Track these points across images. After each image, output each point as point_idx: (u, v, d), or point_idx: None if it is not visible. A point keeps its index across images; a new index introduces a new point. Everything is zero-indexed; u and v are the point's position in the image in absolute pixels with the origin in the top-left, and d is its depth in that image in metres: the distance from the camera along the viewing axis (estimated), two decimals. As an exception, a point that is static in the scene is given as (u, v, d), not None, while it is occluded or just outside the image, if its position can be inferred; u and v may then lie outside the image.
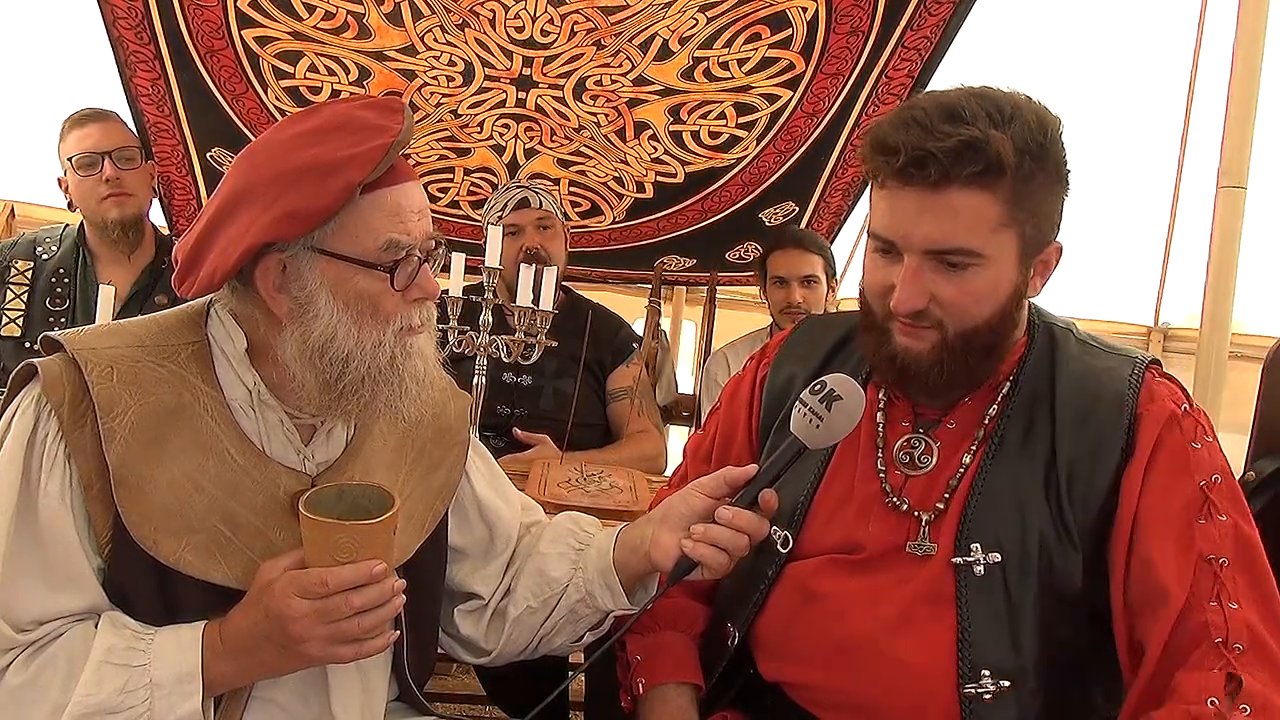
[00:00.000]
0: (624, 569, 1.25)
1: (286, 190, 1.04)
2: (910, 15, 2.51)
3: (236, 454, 1.11)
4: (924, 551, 1.19)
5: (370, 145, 1.05)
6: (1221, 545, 1.10)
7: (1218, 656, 1.05)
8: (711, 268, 3.32)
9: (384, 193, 1.08)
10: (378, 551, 1.03)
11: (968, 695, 1.13)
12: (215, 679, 1.05)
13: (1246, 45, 2.39)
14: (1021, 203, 1.12)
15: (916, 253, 1.14)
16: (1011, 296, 1.16)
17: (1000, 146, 1.08)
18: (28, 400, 1.07)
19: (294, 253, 1.07)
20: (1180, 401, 1.18)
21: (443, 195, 3.11)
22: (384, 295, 1.08)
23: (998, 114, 1.10)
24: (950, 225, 1.11)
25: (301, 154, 1.06)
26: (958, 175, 1.09)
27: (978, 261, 1.13)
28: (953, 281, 1.14)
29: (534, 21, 2.55)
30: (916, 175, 1.10)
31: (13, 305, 2.40)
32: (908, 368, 1.19)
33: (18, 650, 1.03)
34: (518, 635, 1.30)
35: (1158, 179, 4.46)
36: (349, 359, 1.08)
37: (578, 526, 1.34)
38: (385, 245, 1.07)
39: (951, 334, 1.16)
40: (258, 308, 1.11)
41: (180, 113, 2.70)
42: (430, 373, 1.16)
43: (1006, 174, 1.09)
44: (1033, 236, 1.15)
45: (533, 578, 1.30)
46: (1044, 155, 1.12)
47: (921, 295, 1.14)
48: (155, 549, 1.05)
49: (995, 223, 1.11)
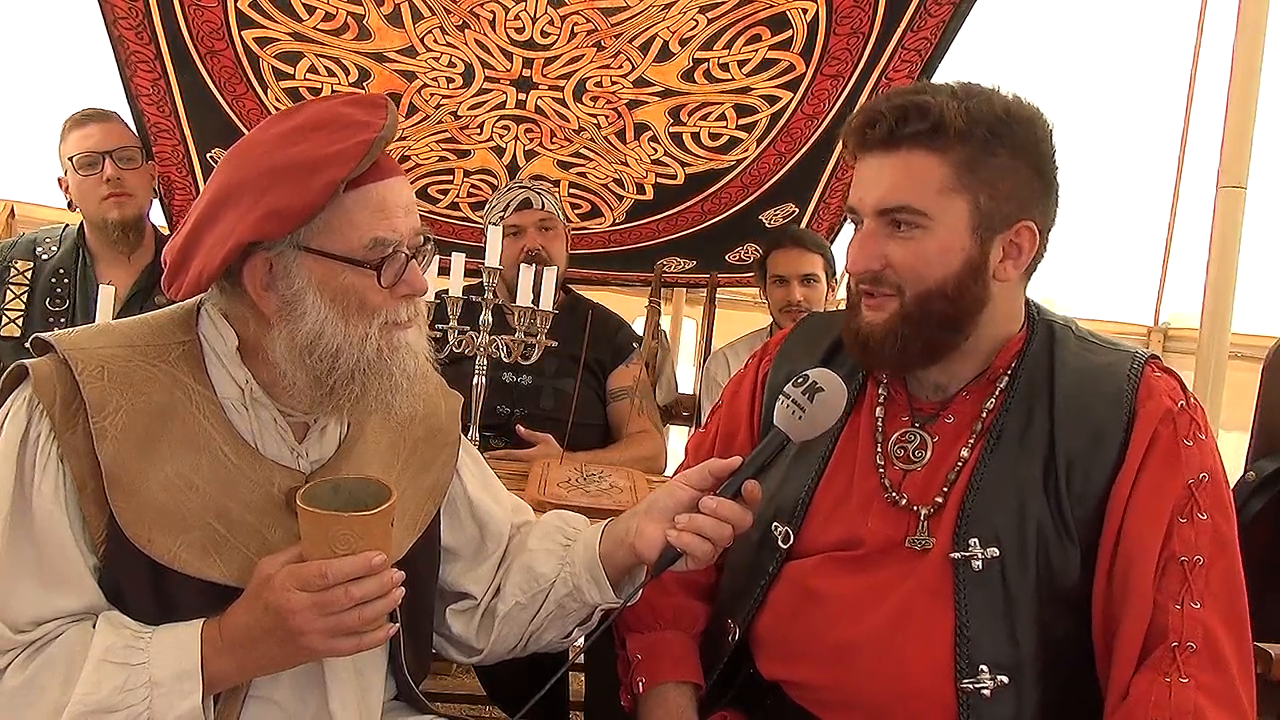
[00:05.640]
0: (609, 561, 1.25)
1: (270, 189, 1.04)
2: (910, 17, 2.51)
3: (230, 452, 1.11)
4: (922, 546, 1.19)
5: (353, 142, 1.04)
6: (1198, 545, 1.11)
7: (1171, 660, 1.07)
8: (712, 269, 3.32)
9: (369, 189, 1.07)
10: (376, 543, 1.02)
11: (965, 690, 1.13)
12: (215, 676, 1.04)
13: (1246, 45, 2.39)
14: (975, 170, 1.16)
15: (871, 215, 1.20)
16: (965, 265, 1.18)
17: (946, 109, 1.14)
18: (19, 402, 1.06)
19: (280, 251, 1.07)
20: (1178, 397, 1.18)
21: (442, 197, 3.11)
22: (370, 291, 1.08)
23: (962, 91, 1.18)
24: (898, 184, 1.17)
25: (284, 152, 1.06)
26: (903, 134, 1.16)
27: (924, 223, 1.17)
28: (901, 244, 1.18)
29: (534, 23, 2.55)
30: (870, 135, 1.18)
31: (12, 305, 2.40)
32: (867, 340, 1.22)
33: (16, 651, 1.03)
34: (507, 633, 1.30)
35: (1158, 179, 4.46)
36: (338, 354, 1.08)
37: (565, 524, 1.34)
38: (371, 243, 1.07)
39: (908, 298, 1.19)
40: (247, 307, 1.11)
41: (180, 113, 2.70)
42: (421, 369, 1.15)
43: (952, 135, 1.14)
44: (989, 209, 1.17)
45: (520, 574, 1.30)
46: (1006, 133, 1.16)
47: (873, 258, 1.19)
48: (150, 547, 1.05)
49: (942, 184, 1.16)
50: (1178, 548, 1.11)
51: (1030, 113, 1.18)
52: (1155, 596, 1.10)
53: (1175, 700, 1.05)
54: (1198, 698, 1.06)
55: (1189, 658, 1.07)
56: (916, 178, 1.16)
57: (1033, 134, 1.18)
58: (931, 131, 1.15)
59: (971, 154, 1.15)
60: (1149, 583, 1.10)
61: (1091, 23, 4.81)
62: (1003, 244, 1.19)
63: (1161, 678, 1.07)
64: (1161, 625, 1.09)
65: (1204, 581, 1.10)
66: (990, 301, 1.20)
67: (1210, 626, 1.08)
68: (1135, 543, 1.12)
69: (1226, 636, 1.09)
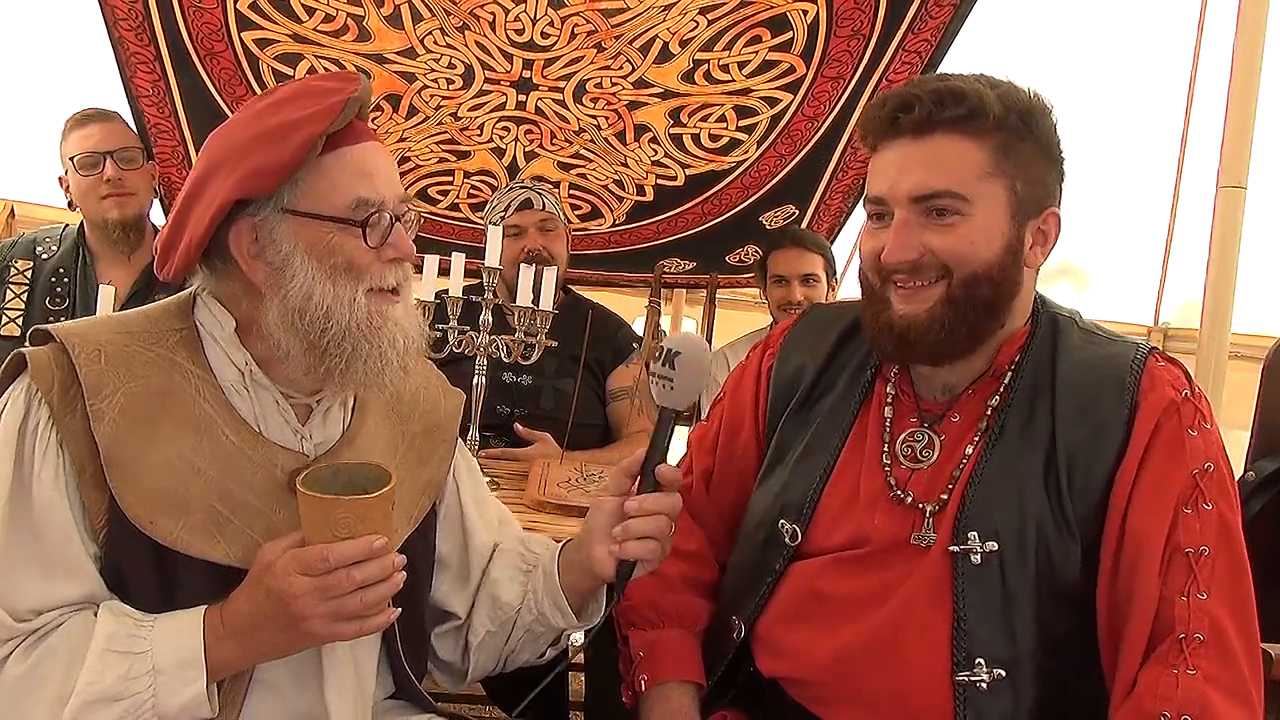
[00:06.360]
0: (575, 590, 1.26)
1: (251, 154, 1.07)
2: (911, 18, 2.51)
3: (231, 434, 1.11)
4: (926, 543, 1.19)
5: (328, 102, 1.07)
6: (1204, 535, 1.10)
7: (1178, 652, 1.06)
8: (712, 270, 3.32)
9: (346, 151, 1.10)
10: (377, 526, 1.02)
11: (961, 684, 1.13)
12: (218, 663, 1.04)
13: (1246, 45, 2.40)
14: (1010, 156, 1.15)
15: (904, 204, 1.17)
16: (1006, 250, 1.17)
17: (984, 94, 1.13)
18: (18, 390, 1.07)
19: (265, 216, 1.09)
20: (1181, 388, 1.17)
21: (442, 198, 3.11)
22: (358, 252, 1.10)
23: (987, 80, 1.16)
24: (936, 170, 1.15)
25: (263, 122, 1.09)
26: (940, 119, 1.14)
27: (965, 209, 1.15)
28: (942, 232, 1.16)
29: (534, 24, 2.55)
30: (903, 119, 1.15)
31: (12, 305, 2.40)
32: (906, 333, 1.19)
33: (17, 640, 1.03)
34: (484, 659, 1.33)
35: (1158, 179, 4.46)
36: (329, 315, 1.09)
37: (526, 549, 1.34)
38: (354, 203, 1.09)
39: (956, 281, 1.16)
40: (238, 284, 1.13)
41: (180, 114, 2.71)
42: (412, 345, 1.16)
43: (990, 121, 1.13)
44: (1025, 195, 1.17)
45: (487, 604, 1.31)
46: (1033, 122, 1.16)
47: (911, 248, 1.16)
48: (152, 530, 1.05)
49: (981, 169, 1.15)
50: (1183, 539, 1.10)
51: (1046, 104, 1.19)
52: (1161, 589, 1.09)
53: (1183, 692, 1.04)
54: (1205, 689, 1.04)
55: (1196, 649, 1.06)
56: (955, 163, 1.14)
57: (1050, 124, 1.19)
58: (969, 116, 1.14)
59: (1006, 140, 1.15)
60: (1155, 575, 1.09)
61: (1091, 23, 4.81)
62: (1033, 231, 1.19)
63: (1169, 670, 1.06)
64: (1168, 617, 1.08)
65: (1210, 572, 1.09)
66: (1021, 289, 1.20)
67: (1217, 617, 1.07)
68: (1140, 535, 1.11)
69: (1234, 626, 1.08)
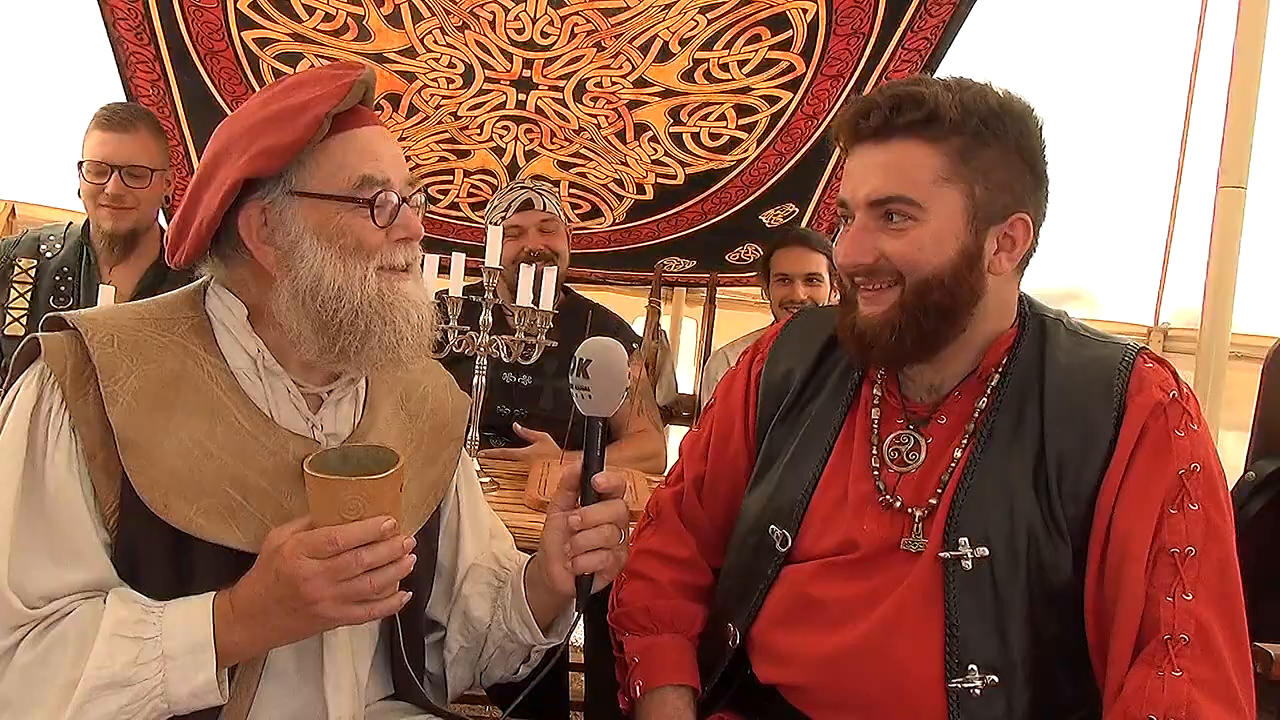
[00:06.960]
0: (543, 608, 1.26)
1: (259, 136, 1.08)
2: (910, 17, 2.51)
3: (244, 419, 1.11)
4: (916, 548, 1.19)
5: (335, 84, 1.09)
6: (1189, 536, 1.10)
7: (1164, 654, 1.06)
8: (712, 269, 3.32)
9: (353, 132, 1.12)
10: (385, 508, 1.02)
11: (954, 690, 1.13)
12: (228, 648, 1.04)
13: (1246, 45, 2.39)
14: (969, 161, 1.16)
15: (863, 208, 1.19)
16: (961, 255, 1.17)
17: (940, 99, 1.14)
18: (32, 375, 1.07)
19: (273, 199, 1.10)
20: (1169, 387, 1.17)
21: (442, 197, 3.11)
22: (366, 231, 1.10)
23: (955, 83, 1.18)
24: (890, 175, 1.17)
25: (269, 108, 1.10)
26: (897, 123, 1.16)
27: (918, 214, 1.16)
28: (894, 236, 1.17)
29: (534, 23, 2.55)
30: (863, 125, 1.18)
31: (16, 304, 2.39)
32: (864, 335, 1.21)
33: (28, 626, 1.02)
34: (460, 674, 1.33)
35: (1158, 179, 4.45)
36: (340, 294, 1.09)
37: (497, 564, 1.34)
38: (360, 181, 1.10)
39: (909, 286, 1.18)
40: (248, 269, 1.13)
41: (180, 113, 2.71)
42: (424, 320, 1.16)
43: (947, 125, 1.14)
44: (983, 200, 1.17)
45: (459, 620, 1.31)
46: (999, 125, 1.16)
47: (866, 251, 1.19)
48: (167, 514, 1.05)
49: (936, 174, 1.15)
50: (1168, 539, 1.10)
51: (1021, 108, 1.19)
52: (1147, 589, 1.09)
53: (1168, 695, 1.04)
54: (1191, 691, 1.04)
55: (1181, 650, 1.06)
56: (910, 168, 1.16)
57: (1024, 128, 1.18)
58: (926, 121, 1.15)
59: (965, 144, 1.15)
60: (1141, 576, 1.09)
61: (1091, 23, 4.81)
62: (997, 236, 1.19)
63: (1155, 672, 1.06)
64: (1154, 618, 1.08)
65: (1195, 572, 1.08)
66: (985, 295, 1.20)
67: (1202, 618, 1.07)
68: (1126, 536, 1.11)
69: (1220, 627, 1.07)
